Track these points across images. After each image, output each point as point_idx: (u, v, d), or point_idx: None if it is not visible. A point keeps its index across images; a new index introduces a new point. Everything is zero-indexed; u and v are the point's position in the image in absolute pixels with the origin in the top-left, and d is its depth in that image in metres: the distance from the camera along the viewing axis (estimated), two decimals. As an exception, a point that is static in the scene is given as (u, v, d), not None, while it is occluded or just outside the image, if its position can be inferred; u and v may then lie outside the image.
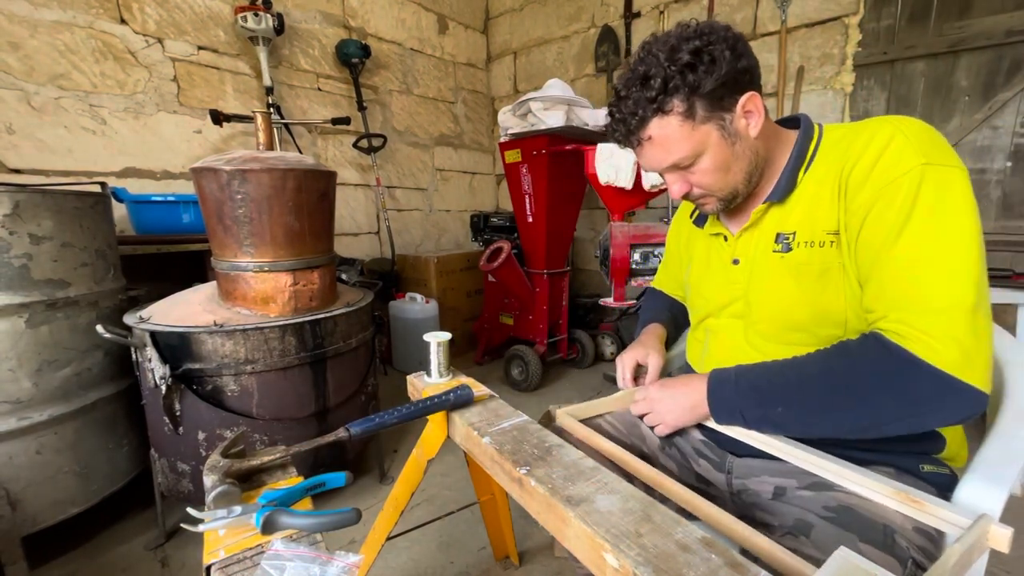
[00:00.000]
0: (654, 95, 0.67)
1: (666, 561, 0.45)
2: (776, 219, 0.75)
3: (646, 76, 0.67)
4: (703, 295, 0.88)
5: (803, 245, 0.70)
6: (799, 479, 0.71)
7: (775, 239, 0.74)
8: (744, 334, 0.80)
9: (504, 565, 1.32)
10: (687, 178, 0.74)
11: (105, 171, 2.05)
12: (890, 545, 0.57)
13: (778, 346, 0.74)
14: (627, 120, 0.70)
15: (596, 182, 2.05)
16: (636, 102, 0.68)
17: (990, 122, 1.91)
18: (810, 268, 0.69)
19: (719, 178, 0.73)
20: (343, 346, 1.49)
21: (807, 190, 0.72)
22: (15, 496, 1.20)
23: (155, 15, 2.13)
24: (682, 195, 0.76)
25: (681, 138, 0.69)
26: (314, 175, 1.38)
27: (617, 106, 0.72)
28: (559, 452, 0.64)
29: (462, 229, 3.73)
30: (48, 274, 1.24)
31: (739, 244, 0.80)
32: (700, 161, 0.71)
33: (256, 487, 0.70)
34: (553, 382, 2.64)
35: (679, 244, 1.03)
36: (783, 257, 0.73)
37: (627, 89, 0.70)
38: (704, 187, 0.74)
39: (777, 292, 0.74)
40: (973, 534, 0.50)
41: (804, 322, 0.71)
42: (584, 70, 3.19)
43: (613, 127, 0.75)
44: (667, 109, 0.67)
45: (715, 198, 0.76)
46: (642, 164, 0.78)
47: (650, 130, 0.69)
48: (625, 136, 0.73)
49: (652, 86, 0.66)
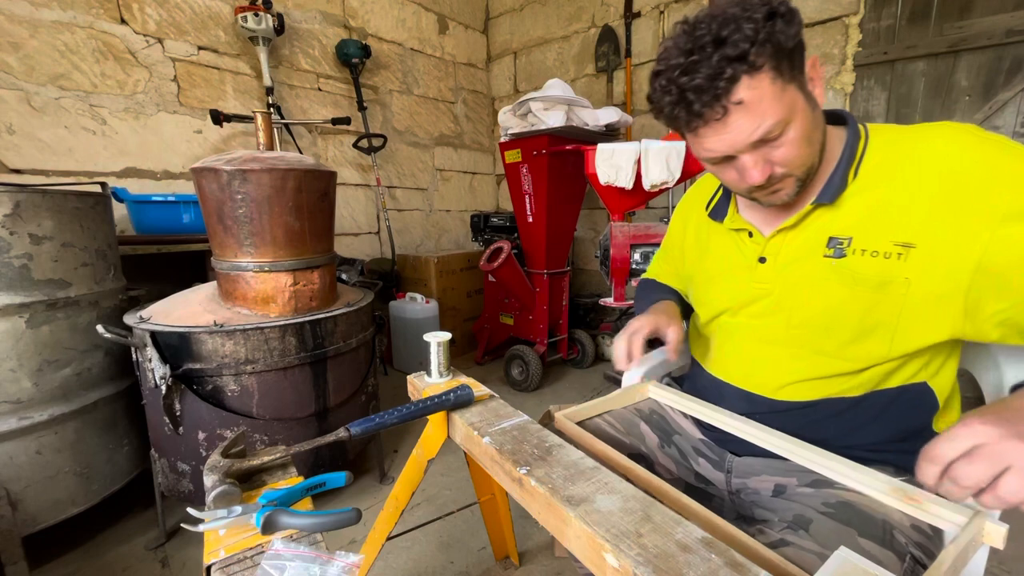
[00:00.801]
0: (742, 51, 0.57)
1: (666, 561, 0.45)
2: (826, 222, 0.69)
3: (720, 36, 0.57)
4: (719, 291, 0.84)
5: (860, 253, 0.65)
6: (799, 477, 0.71)
7: (827, 243, 0.68)
8: (762, 335, 0.76)
9: (504, 565, 1.32)
10: (770, 155, 0.64)
11: (105, 171, 2.05)
12: (889, 540, 0.57)
13: (799, 351, 0.72)
14: (707, 86, 0.58)
15: (596, 182, 2.05)
16: (720, 62, 0.57)
17: (990, 122, 1.91)
18: (868, 278, 0.64)
19: (804, 151, 0.64)
20: (343, 346, 1.49)
21: (864, 193, 0.66)
22: (15, 496, 1.20)
23: (155, 15, 2.13)
24: (764, 179, 0.65)
25: (773, 100, 0.59)
26: (314, 175, 1.38)
27: (688, 73, 0.59)
28: (559, 452, 0.64)
29: (462, 229, 3.73)
30: (48, 274, 1.24)
31: (771, 244, 0.75)
32: (788, 130, 0.62)
33: (256, 487, 0.70)
34: (553, 382, 2.63)
35: (684, 236, 0.97)
36: (834, 263, 0.67)
37: (699, 52, 0.58)
38: (788, 164, 0.64)
39: (823, 299, 0.69)
40: (970, 531, 0.50)
41: (845, 333, 0.68)
42: (584, 70, 3.19)
43: (684, 98, 0.61)
44: (759, 65, 0.57)
45: (794, 178, 0.66)
46: (714, 146, 0.64)
47: (740, 92, 0.58)
48: (707, 104, 0.60)
49: (735, 42, 0.57)
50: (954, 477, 0.47)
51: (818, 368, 0.71)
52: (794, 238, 0.72)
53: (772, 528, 0.64)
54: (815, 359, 0.70)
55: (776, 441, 0.70)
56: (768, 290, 0.75)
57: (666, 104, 0.64)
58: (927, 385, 0.70)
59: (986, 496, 0.46)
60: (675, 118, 0.65)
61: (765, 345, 0.76)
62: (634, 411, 0.88)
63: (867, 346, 0.67)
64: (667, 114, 0.65)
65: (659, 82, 0.64)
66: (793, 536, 0.59)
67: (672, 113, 0.64)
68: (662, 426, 0.87)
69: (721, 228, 0.85)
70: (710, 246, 0.88)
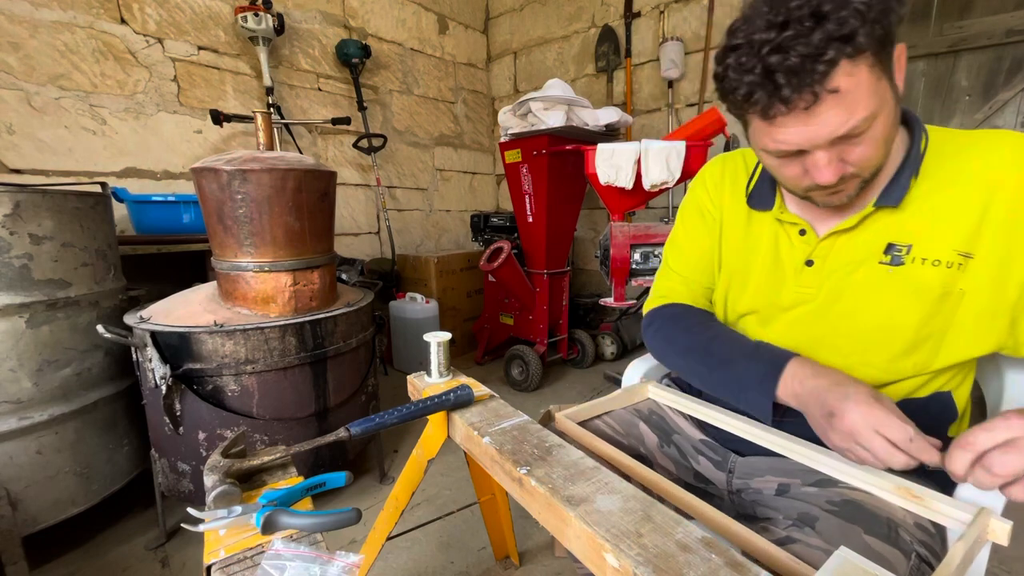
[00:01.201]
0: (851, 30, 0.48)
1: (666, 561, 0.45)
2: (887, 226, 0.64)
3: (821, 9, 0.49)
4: (753, 291, 0.75)
5: (920, 261, 0.61)
6: (803, 477, 0.70)
7: (885, 249, 0.63)
8: (799, 345, 0.70)
9: (504, 565, 1.32)
10: (846, 153, 0.56)
11: (105, 171, 2.05)
12: (894, 538, 0.57)
13: (842, 363, 0.66)
14: (802, 68, 0.49)
15: (596, 182, 2.05)
16: (822, 41, 0.48)
17: (991, 122, 1.91)
18: (930, 288, 0.61)
19: (881, 151, 0.57)
20: (343, 346, 1.49)
21: (926, 198, 0.62)
22: (16, 496, 1.20)
23: (155, 15, 2.13)
24: (835, 179, 0.57)
25: (869, 91, 0.51)
26: (314, 175, 1.38)
27: (781, 51, 0.50)
28: (559, 452, 0.64)
29: (462, 229, 3.73)
30: (49, 274, 1.24)
31: (822, 245, 0.68)
32: (873, 127, 0.54)
33: (256, 487, 0.70)
34: (553, 382, 2.63)
35: (719, 223, 0.82)
36: (891, 271, 0.63)
37: (795, 25, 0.49)
38: (861, 164, 0.57)
39: (877, 310, 0.64)
40: (975, 528, 0.50)
41: (897, 346, 0.64)
42: (584, 70, 3.19)
43: (772, 80, 0.51)
44: (863, 48, 0.49)
45: (860, 179, 0.59)
46: (791, 138, 0.55)
47: (838, 79, 0.50)
48: (797, 89, 0.51)
49: (842, 19, 0.48)
50: (988, 465, 0.47)
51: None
52: (847, 241, 0.67)
53: (777, 526, 0.63)
54: (858, 372, 0.65)
55: (780, 441, 0.70)
56: (811, 296, 0.69)
57: (744, 84, 0.54)
58: (951, 395, 0.69)
59: (1016, 488, 0.46)
60: (750, 102, 0.55)
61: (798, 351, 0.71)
62: (633, 412, 0.88)
63: (914, 359, 0.64)
64: (742, 96, 0.55)
65: (736, 58, 0.54)
66: (799, 533, 0.59)
67: (748, 95, 0.54)
68: (661, 426, 0.87)
69: (763, 218, 0.75)
70: (749, 236, 0.78)
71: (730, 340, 0.74)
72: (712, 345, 0.75)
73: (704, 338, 0.77)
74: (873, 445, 0.53)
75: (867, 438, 0.54)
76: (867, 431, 0.54)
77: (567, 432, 0.79)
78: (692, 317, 0.83)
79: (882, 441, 0.53)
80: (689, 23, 2.64)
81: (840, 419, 0.56)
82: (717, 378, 0.73)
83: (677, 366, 0.82)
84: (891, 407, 0.55)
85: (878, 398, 0.56)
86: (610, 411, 0.87)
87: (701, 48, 2.60)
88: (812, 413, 0.60)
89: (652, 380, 0.95)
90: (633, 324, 2.91)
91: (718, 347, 0.74)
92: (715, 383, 0.74)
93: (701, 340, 0.77)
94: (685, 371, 0.81)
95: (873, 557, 0.51)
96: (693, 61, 2.65)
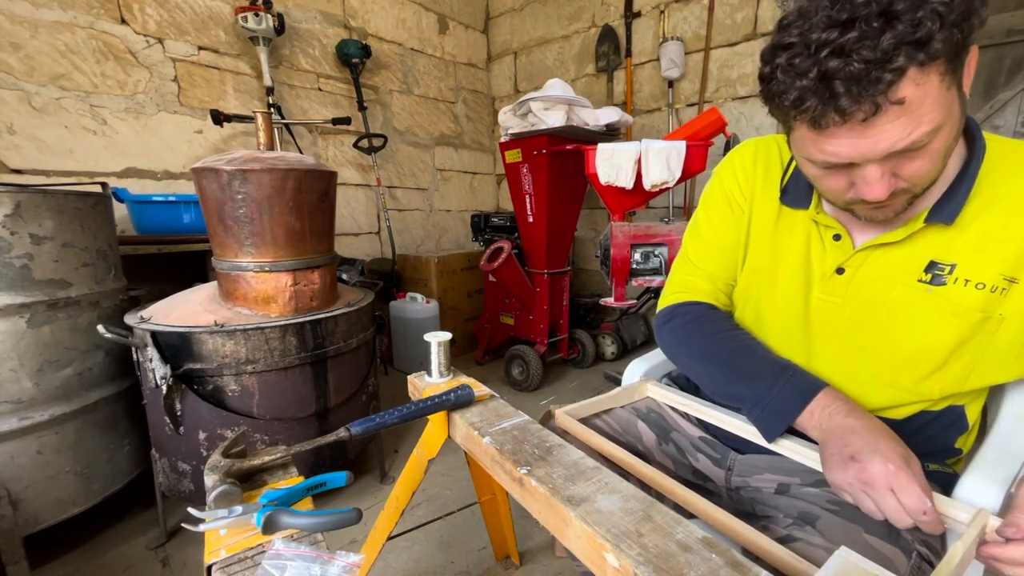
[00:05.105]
0: (927, 34, 0.42)
1: (667, 561, 0.45)
2: (932, 243, 0.59)
3: (892, 8, 0.42)
4: (783, 293, 0.71)
5: (963, 283, 0.57)
6: (803, 477, 0.70)
7: (926, 267, 0.59)
8: (818, 361, 0.67)
9: (505, 565, 1.32)
10: (901, 168, 0.50)
11: (106, 171, 2.05)
12: (895, 537, 0.57)
13: (868, 381, 0.65)
14: (866, 75, 0.43)
15: (596, 182, 2.05)
16: (892, 45, 0.42)
17: (991, 122, 1.91)
18: (971, 311, 0.57)
19: (939, 166, 0.51)
20: (344, 346, 1.49)
21: (976, 215, 0.57)
22: (16, 496, 1.20)
23: (155, 15, 2.13)
24: (886, 196, 0.52)
25: (936, 102, 0.46)
26: (315, 175, 1.38)
27: (843, 54, 0.44)
28: (560, 452, 0.65)
29: (463, 229, 3.73)
30: (49, 274, 1.24)
31: (858, 255, 0.64)
32: (934, 140, 0.48)
33: (257, 487, 0.70)
34: (554, 382, 2.63)
35: (748, 215, 0.76)
36: (931, 291, 0.59)
37: (862, 26, 0.43)
38: (914, 181, 0.52)
39: (913, 330, 0.61)
40: (974, 528, 0.51)
41: (927, 367, 0.61)
42: (584, 70, 3.19)
43: (829, 87, 0.45)
44: (936, 55, 0.43)
45: (910, 195, 0.54)
46: (843, 150, 0.50)
47: (905, 88, 0.44)
48: (856, 98, 0.45)
49: (918, 20, 0.42)
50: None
51: (881, 399, 0.65)
52: (885, 254, 0.62)
53: (778, 524, 0.64)
54: (883, 391, 0.63)
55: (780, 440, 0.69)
56: (837, 307, 0.65)
57: (794, 89, 0.47)
58: (964, 408, 0.68)
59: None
60: (799, 109, 0.49)
61: (810, 365, 0.68)
62: (631, 410, 0.88)
63: (942, 382, 0.62)
64: (791, 101, 0.48)
65: (787, 58, 0.47)
66: (800, 532, 0.59)
67: (799, 102, 0.48)
68: (659, 424, 0.87)
69: (796, 215, 0.70)
70: (777, 233, 0.72)
71: (756, 355, 0.71)
72: (734, 358, 0.72)
73: (728, 348, 0.74)
74: (885, 504, 0.52)
75: (881, 495, 0.52)
76: (884, 488, 0.52)
77: (567, 429, 0.79)
78: (716, 323, 0.78)
79: (895, 502, 0.51)
80: (689, 23, 2.64)
81: (861, 467, 0.54)
82: (735, 390, 0.71)
83: (690, 369, 0.80)
84: (918, 474, 0.53)
85: (907, 460, 0.53)
86: (609, 409, 0.87)
87: (701, 48, 2.60)
88: (831, 448, 0.58)
89: (652, 379, 0.95)
90: (633, 324, 2.91)
91: (741, 360, 0.72)
92: (730, 394, 0.72)
93: (724, 350, 0.74)
94: (698, 376, 0.79)
95: (874, 556, 0.51)
96: (693, 61, 2.65)
